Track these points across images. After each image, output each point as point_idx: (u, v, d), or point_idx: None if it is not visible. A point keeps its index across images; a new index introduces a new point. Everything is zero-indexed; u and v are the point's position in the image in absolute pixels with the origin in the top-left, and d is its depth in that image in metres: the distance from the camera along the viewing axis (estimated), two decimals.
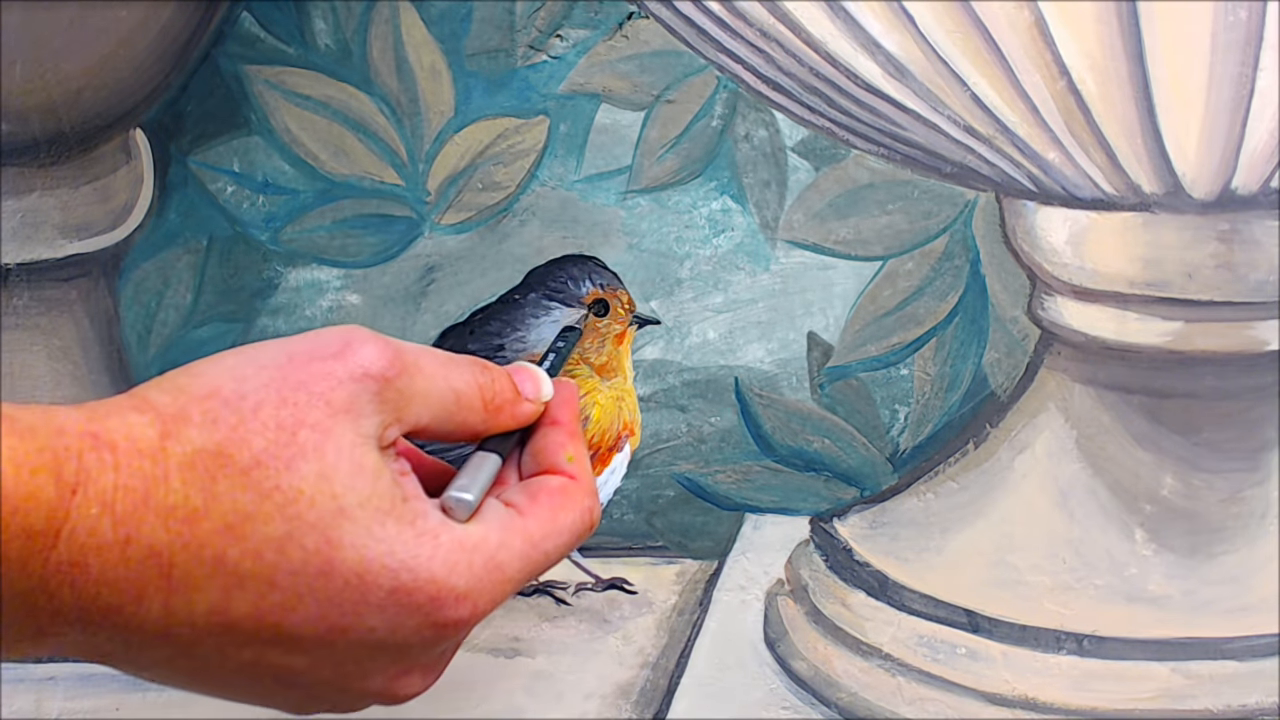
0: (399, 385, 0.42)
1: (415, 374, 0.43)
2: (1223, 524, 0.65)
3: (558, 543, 0.45)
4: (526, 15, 0.73)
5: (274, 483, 0.39)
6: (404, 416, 0.43)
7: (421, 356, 0.44)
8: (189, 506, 0.39)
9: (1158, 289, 0.63)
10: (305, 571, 0.40)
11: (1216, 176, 0.60)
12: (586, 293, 0.69)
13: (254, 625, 0.40)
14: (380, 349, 0.42)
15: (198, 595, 0.39)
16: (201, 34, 0.73)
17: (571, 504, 0.46)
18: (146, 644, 0.40)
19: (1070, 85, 0.57)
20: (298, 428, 0.40)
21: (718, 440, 0.75)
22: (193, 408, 0.40)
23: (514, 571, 0.43)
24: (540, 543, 0.44)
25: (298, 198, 0.75)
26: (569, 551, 0.46)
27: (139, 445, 0.39)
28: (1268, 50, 0.56)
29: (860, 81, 0.60)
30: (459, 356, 0.46)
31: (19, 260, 0.71)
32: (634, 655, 0.70)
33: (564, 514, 0.45)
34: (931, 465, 0.72)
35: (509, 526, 0.44)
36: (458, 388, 0.45)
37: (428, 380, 0.44)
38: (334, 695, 0.43)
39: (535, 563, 0.44)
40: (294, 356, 0.42)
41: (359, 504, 0.40)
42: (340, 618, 0.40)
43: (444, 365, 0.44)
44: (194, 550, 0.39)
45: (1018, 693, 0.63)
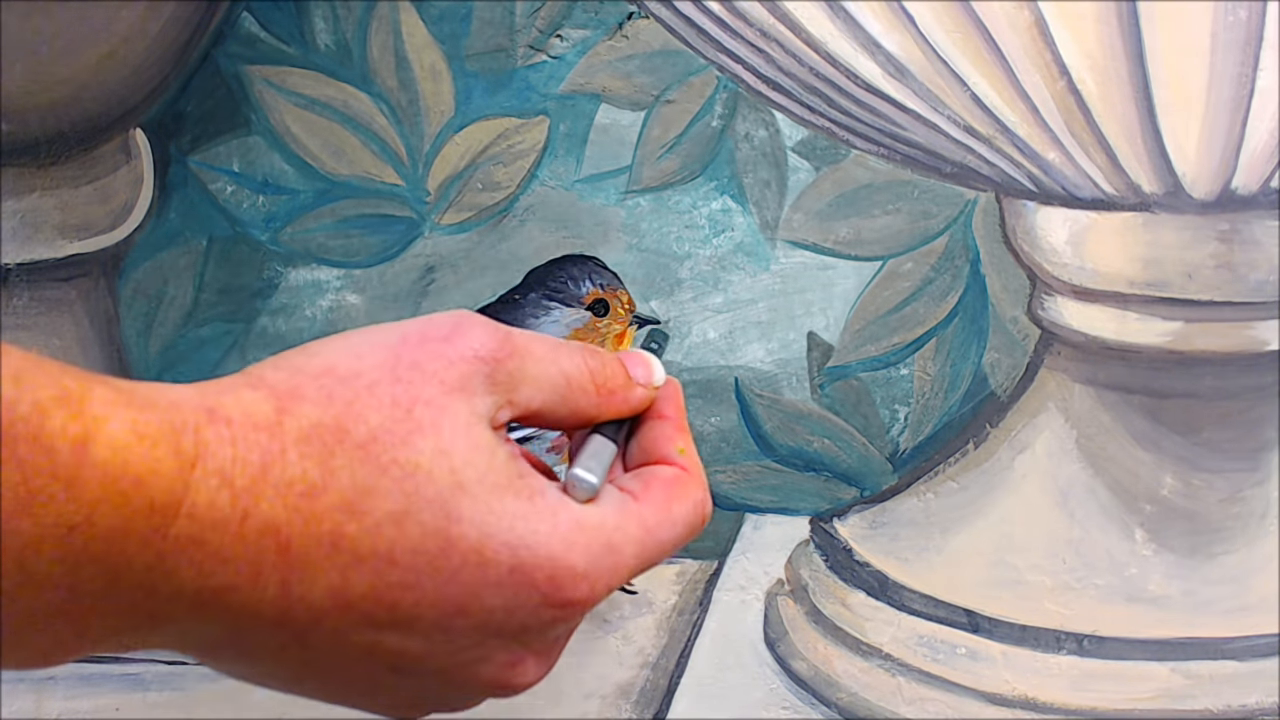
0: (509, 368, 0.42)
1: (525, 357, 0.43)
2: (1223, 524, 0.65)
3: (671, 533, 0.44)
4: (526, 15, 0.73)
5: (391, 457, 0.39)
6: (515, 399, 0.42)
7: (531, 341, 0.43)
8: (307, 481, 0.38)
9: (1158, 289, 0.63)
10: (424, 548, 0.39)
11: (1216, 176, 0.60)
12: (586, 293, 0.69)
13: (372, 606, 0.39)
14: (490, 332, 0.42)
15: (315, 574, 0.38)
16: (201, 34, 0.73)
17: (685, 495, 0.45)
18: (261, 630, 0.39)
19: (1070, 85, 0.57)
20: (413, 404, 0.40)
21: (718, 440, 0.75)
22: (308, 384, 0.40)
23: (629, 557, 0.43)
24: (655, 530, 0.44)
25: (298, 198, 0.75)
26: (682, 544, 0.45)
27: (255, 420, 0.38)
28: (1268, 50, 0.56)
29: (860, 81, 0.60)
30: (568, 342, 0.45)
31: (19, 260, 0.71)
32: (634, 655, 0.70)
33: (678, 505, 0.45)
34: (931, 465, 0.72)
35: (625, 511, 0.43)
36: (568, 371, 0.44)
37: (538, 364, 0.43)
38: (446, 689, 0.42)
39: (649, 550, 0.43)
40: (407, 338, 0.41)
41: (477, 479, 0.40)
42: (459, 596, 0.39)
43: (553, 349, 0.44)
44: (311, 527, 0.38)
45: (1018, 693, 0.63)
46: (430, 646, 0.40)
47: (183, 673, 0.69)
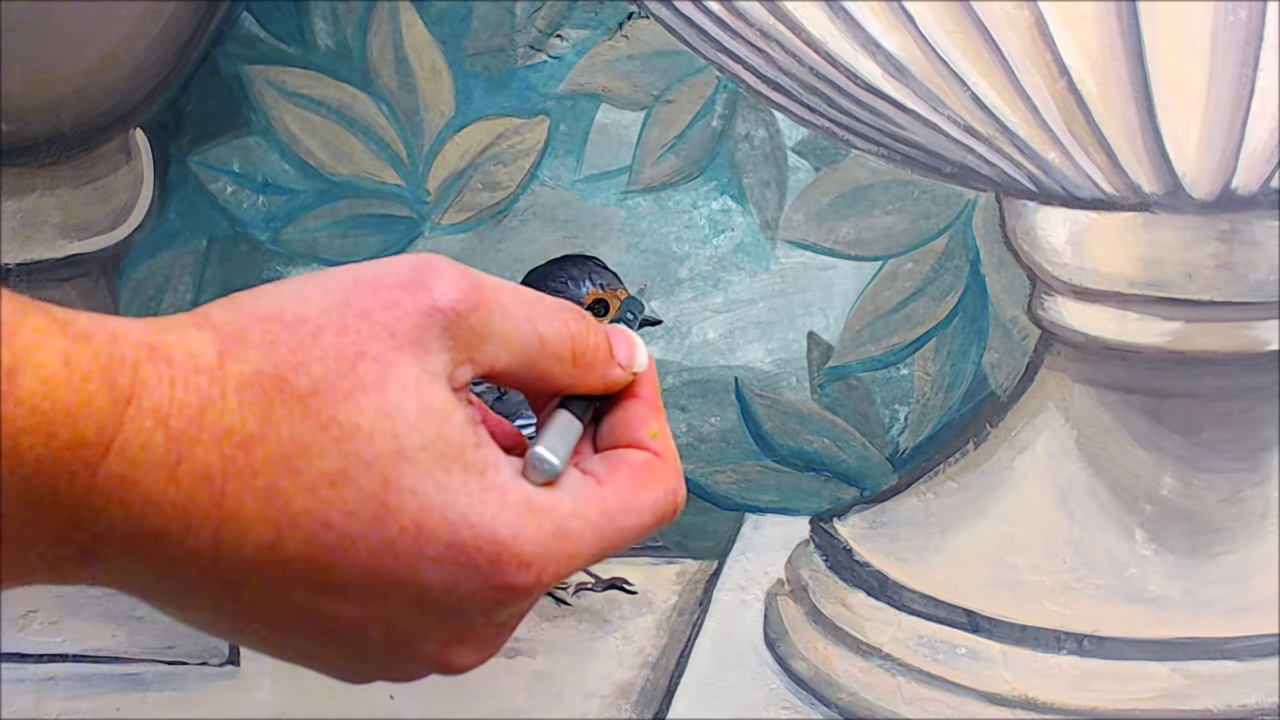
0: (473, 321, 0.39)
1: (494, 310, 0.39)
2: (1223, 524, 0.65)
3: (636, 521, 0.41)
4: (526, 15, 0.73)
5: (331, 414, 0.37)
6: (478, 356, 0.39)
7: (505, 293, 0.40)
8: (245, 430, 0.36)
9: (1158, 289, 0.63)
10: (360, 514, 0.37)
11: (1216, 176, 0.60)
12: (586, 293, 0.69)
13: (305, 566, 0.37)
14: (455, 280, 0.39)
15: (248, 528, 0.36)
16: (201, 34, 0.73)
17: (655, 481, 0.42)
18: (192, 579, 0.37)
19: (1070, 85, 0.57)
20: (359, 359, 0.37)
21: (718, 440, 0.75)
22: (253, 328, 0.37)
23: (586, 544, 0.40)
24: (617, 517, 0.41)
25: (298, 198, 0.75)
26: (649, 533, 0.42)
27: (197, 361, 0.36)
28: (1268, 50, 0.56)
29: (860, 81, 0.60)
30: (553, 300, 0.42)
31: (19, 260, 0.71)
32: (634, 655, 0.70)
33: (646, 491, 0.42)
34: (931, 465, 0.72)
35: (584, 495, 0.40)
36: (544, 332, 0.41)
37: (509, 319, 0.40)
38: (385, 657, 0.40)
39: (609, 538, 0.41)
40: (360, 281, 0.39)
41: (422, 446, 0.37)
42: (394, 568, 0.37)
43: (531, 306, 0.41)
44: (247, 478, 0.36)
45: (1018, 693, 0.63)
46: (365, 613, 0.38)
47: (183, 673, 0.69)
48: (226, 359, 0.37)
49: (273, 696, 0.68)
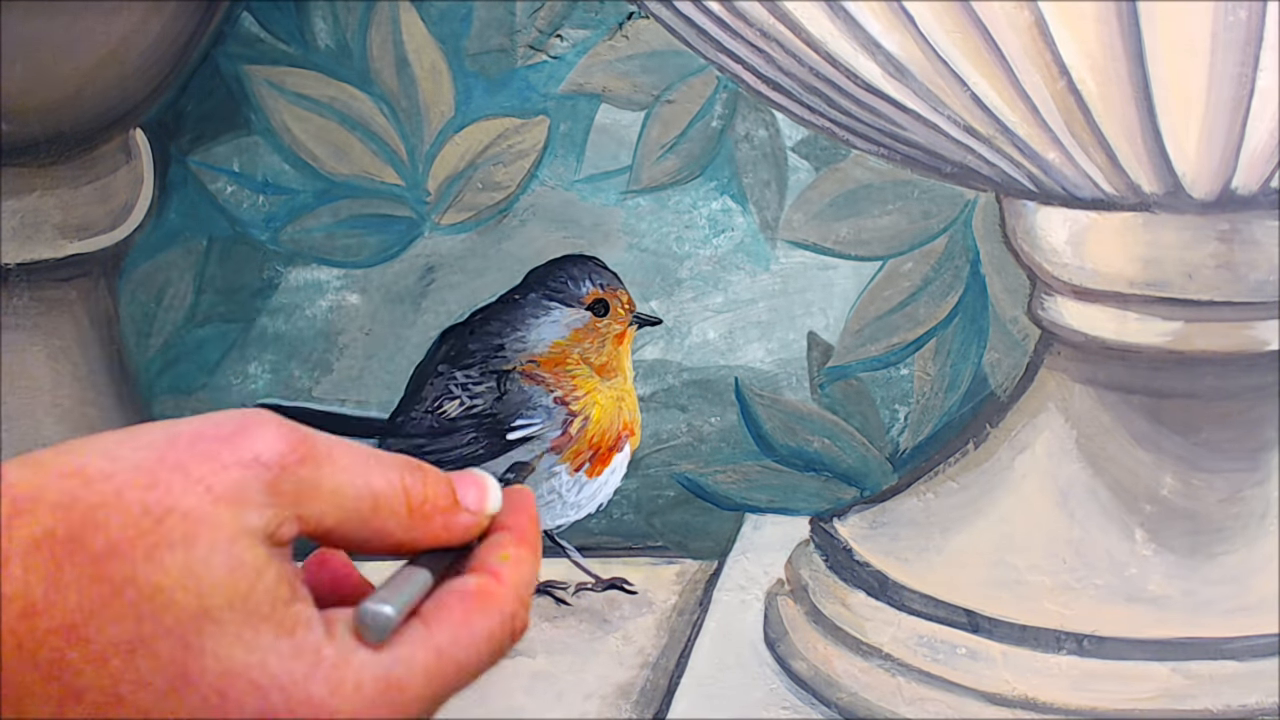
0: (300, 475, 0.36)
1: (323, 464, 0.37)
2: (1223, 524, 0.65)
3: (469, 652, 0.38)
4: (526, 15, 0.73)
5: (127, 575, 0.34)
6: (304, 513, 0.36)
7: (336, 448, 0.37)
8: (28, 599, 0.33)
9: (1158, 289, 0.63)
10: (155, 685, 0.33)
11: (1216, 176, 0.60)
12: (586, 293, 0.69)
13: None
14: (281, 433, 0.36)
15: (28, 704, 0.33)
16: (201, 34, 0.73)
17: (488, 607, 0.38)
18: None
19: (1070, 85, 0.57)
20: (165, 514, 0.34)
21: (718, 440, 0.75)
22: (51, 485, 0.34)
23: (417, 690, 0.36)
24: (448, 651, 0.37)
25: (298, 198, 0.75)
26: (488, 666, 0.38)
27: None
28: (1268, 50, 0.56)
29: (860, 81, 0.60)
30: (390, 455, 0.39)
31: (19, 260, 0.71)
32: (634, 655, 0.70)
33: (478, 618, 0.38)
34: (931, 465, 0.72)
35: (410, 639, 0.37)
36: (376, 487, 0.38)
37: (339, 474, 0.37)
38: None
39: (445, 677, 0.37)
40: (178, 437, 0.36)
41: (229, 605, 0.34)
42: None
43: (364, 461, 0.38)
44: (29, 652, 0.33)
45: (1018, 693, 0.63)
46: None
47: None
48: (16, 519, 0.34)
49: None
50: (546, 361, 0.69)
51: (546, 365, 0.69)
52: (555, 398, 0.69)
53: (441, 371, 0.70)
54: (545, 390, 0.69)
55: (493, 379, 0.69)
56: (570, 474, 0.70)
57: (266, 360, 0.76)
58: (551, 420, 0.69)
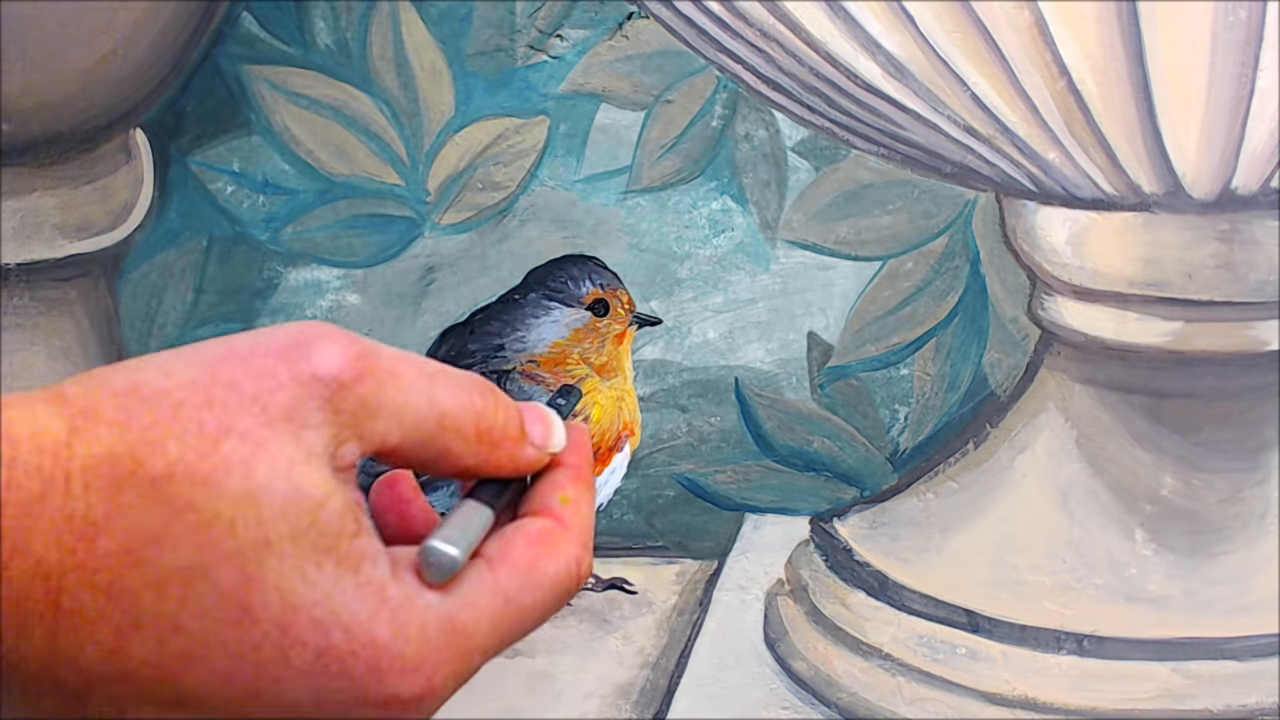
0: (361, 392, 0.35)
1: (386, 381, 0.35)
2: (1223, 524, 0.65)
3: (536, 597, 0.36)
4: (526, 15, 0.73)
5: (187, 499, 0.33)
6: (366, 432, 0.35)
7: (401, 362, 0.36)
8: (88, 519, 0.32)
9: (1158, 289, 0.63)
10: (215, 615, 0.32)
11: (1216, 176, 0.60)
12: (586, 293, 0.69)
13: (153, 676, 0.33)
14: (342, 347, 0.35)
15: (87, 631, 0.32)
16: (201, 34, 0.73)
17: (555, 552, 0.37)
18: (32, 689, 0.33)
19: (1070, 85, 0.57)
20: (222, 435, 0.33)
21: (718, 440, 0.75)
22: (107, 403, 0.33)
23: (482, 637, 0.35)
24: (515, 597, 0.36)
25: (298, 198, 0.75)
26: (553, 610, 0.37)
27: (41, 440, 0.33)
28: (1268, 50, 0.56)
29: (860, 81, 0.60)
30: (461, 373, 0.37)
31: (19, 260, 0.71)
32: (634, 655, 0.70)
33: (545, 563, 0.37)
34: (931, 465, 0.72)
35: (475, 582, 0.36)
36: (444, 406, 0.36)
37: (404, 390, 0.35)
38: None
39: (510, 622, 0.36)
40: (233, 352, 0.35)
41: (291, 536, 0.33)
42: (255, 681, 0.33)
43: (431, 377, 0.36)
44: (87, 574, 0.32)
45: (1018, 693, 0.63)
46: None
47: None
48: (75, 437, 0.33)
49: None
50: (546, 361, 0.69)
51: (546, 365, 0.69)
52: None
53: None
54: (545, 390, 0.69)
55: (493, 379, 0.69)
56: None
57: None
58: None
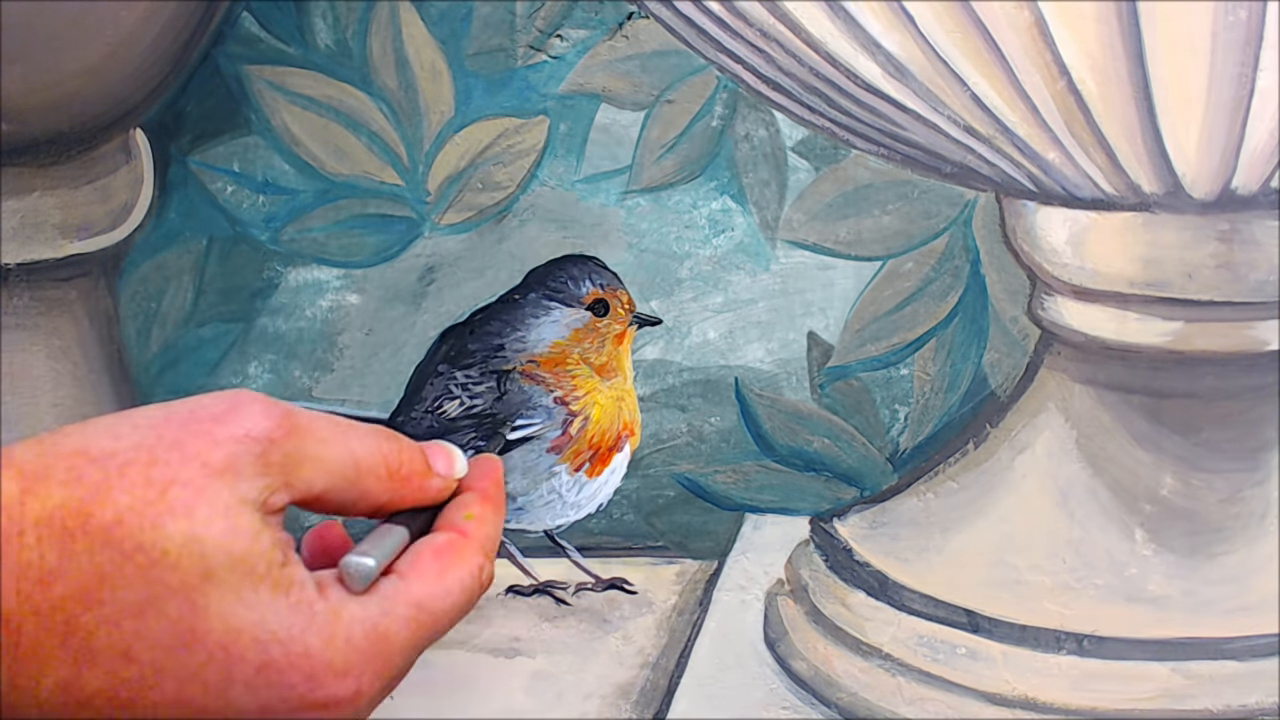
0: (286, 448, 0.39)
1: (306, 437, 0.40)
2: (1223, 524, 0.65)
3: (446, 603, 0.41)
4: (526, 15, 0.73)
5: (136, 542, 0.36)
6: (293, 481, 0.40)
7: (317, 421, 0.41)
8: (43, 567, 0.36)
9: (1158, 289, 0.63)
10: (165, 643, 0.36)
11: (1216, 176, 0.60)
12: (586, 293, 0.69)
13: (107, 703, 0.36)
14: (266, 410, 0.39)
15: (46, 667, 0.36)
16: (201, 34, 0.73)
17: (459, 560, 0.42)
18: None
19: (1070, 85, 0.57)
20: (168, 485, 0.37)
21: (718, 440, 0.75)
22: (58, 464, 0.37)
23: (402, 641, 0.40)
24: (428, 604, 0.41)
25: (298, 198, 0.75)
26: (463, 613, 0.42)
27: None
28: (1268, 50, 0.56)
29: (860, 81, 0.60)
30: (365, 425, 0.43)
31: (19, 260, 0.71)
32: (634, 655, 0.70)
33: (451, 571, 0.41)
34: (931, 465, 0.72)
35: (390, 593, 0.40)
36: (358, 454, 0.41)
37: (322, 444, 0.40)
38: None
39: (425, 627, 0.40)
40: (172, 417, 0.39)
41: (229, 566, 0.37)
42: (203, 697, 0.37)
43: (344, 431, 0.41)
44: (44, 616, 0.36)
45: (1018, 693, 0.63)
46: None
47: None
48: (28, 496, 0.36)
49: None
50: (546, 361, 0.69)
51: (546, 365, 0.69)
52: (555, 398, 0.69)
53: (441, 371, 0.70)
54: (545, 390, 0.69)
55: (493, 379, 0.69)
56: (570, 474, 0.70)
57: (266, 360, 0.76)
58: (551, 420, 0.69)
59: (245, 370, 0.76)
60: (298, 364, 0.76)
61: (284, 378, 0.76)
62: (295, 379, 0.76)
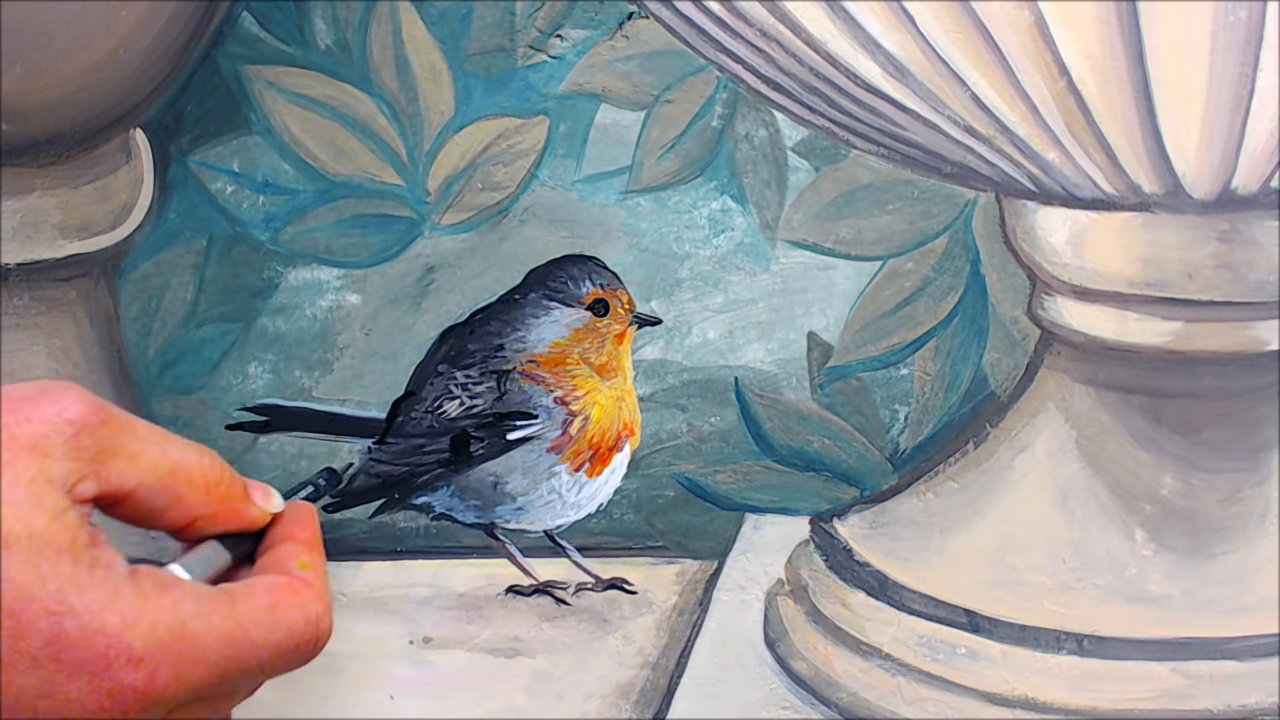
0: (101, 435, 0.38)
1: (123, 429, 0.39)
2: (1223, 524, 0.65)
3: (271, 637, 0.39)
4: (526, 15, 0.73)
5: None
6: (103, 472, 0.38)
7: (136, 420, 0.40)
8: None
9: (1158, 289, 0.63)
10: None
11: (1216, 176, 0.60)
12: (586, 293, 0.69)
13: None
14: (82, 397, 0.38)
15: None
16: (201, 34, 0.73)
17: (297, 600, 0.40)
18: None
19: (1070, 85, 0.57)
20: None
21: (718, 440, 0.75)
22: None
23: (209, 649, 0.37)
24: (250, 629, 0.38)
25: (298, 198, 0.75)
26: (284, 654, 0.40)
27: None
28: (1268, 50, 0.56)
29: (860, 81, 0.60)
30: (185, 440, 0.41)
31: (19, 260, 0.71)
32: (634, 655, 0.70)
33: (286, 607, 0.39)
34: (931, 465, 0.72)
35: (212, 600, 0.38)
36: (175, 458, 0.40)
37: (139, 440, 0.39)
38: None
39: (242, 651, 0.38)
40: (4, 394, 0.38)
41: (27, 535, 0.35)
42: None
43: (164, 436, 0.40)
44: None
45: (1018, 693, 0.63)
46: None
47: None
48: None
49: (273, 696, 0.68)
50: (546, 361, 0.69)
51: (546, 365, 0.69)
52: (555, 398, 0.69)
53: (441, 371, 0.70)
54: (545, 390, 0.69)
55: (493, 379, 0.69)
56: (570, 474, 0.70)
57: (266, 360, 0.76)
58: (551, 420, 0.69)
59: (245, 370, 0.76)
60: (298, 364, 0.76)
61: (284, 378, 0.76)
62: (295, 379, 0.76)
